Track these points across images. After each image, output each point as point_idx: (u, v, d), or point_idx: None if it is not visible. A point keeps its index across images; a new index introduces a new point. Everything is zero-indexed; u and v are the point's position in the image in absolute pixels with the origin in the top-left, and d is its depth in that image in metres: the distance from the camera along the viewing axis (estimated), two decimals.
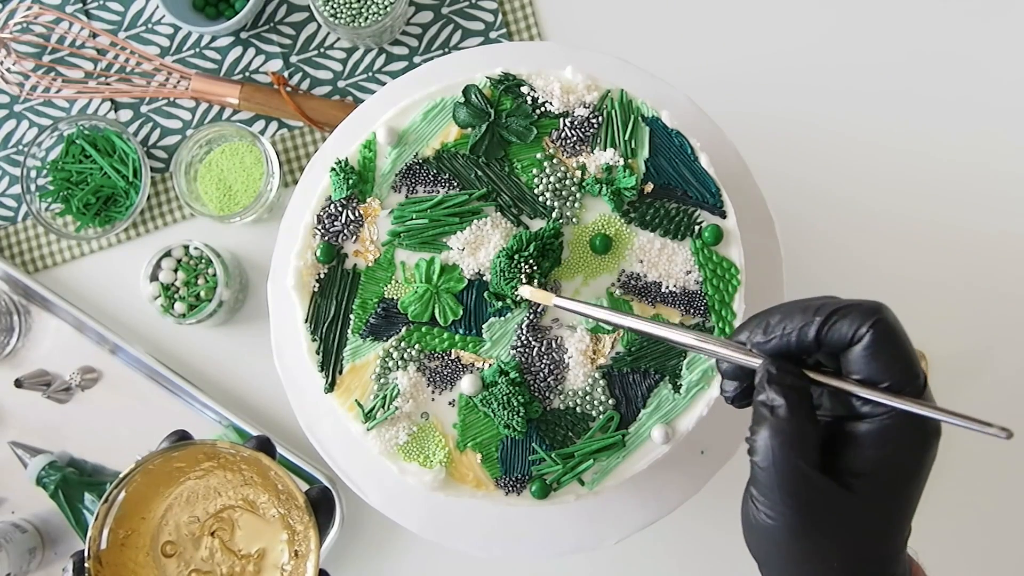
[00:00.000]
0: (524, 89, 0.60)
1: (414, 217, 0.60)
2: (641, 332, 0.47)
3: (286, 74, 0.85)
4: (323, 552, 0.79)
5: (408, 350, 0.59)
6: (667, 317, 0.59)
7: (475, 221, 0.59)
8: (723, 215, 0.59)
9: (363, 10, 0.80)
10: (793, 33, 0.86)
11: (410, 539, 0.82)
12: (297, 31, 0.85)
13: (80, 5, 0.86)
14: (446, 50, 0.85)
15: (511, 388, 0.57)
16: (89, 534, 0.44)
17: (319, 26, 0.85)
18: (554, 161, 0.60)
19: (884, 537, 0.40)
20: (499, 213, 0.60)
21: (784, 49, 0.86)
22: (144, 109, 0.85)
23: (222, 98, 0.83)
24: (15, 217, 0.85)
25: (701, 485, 0.64)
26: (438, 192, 0.60)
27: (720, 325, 0.58)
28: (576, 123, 0.60)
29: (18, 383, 0.80)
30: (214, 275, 0.79)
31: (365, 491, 0.64)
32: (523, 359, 0.59)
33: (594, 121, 0.60)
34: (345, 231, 0.60)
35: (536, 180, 0.60)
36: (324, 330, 0.59)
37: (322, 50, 0.85)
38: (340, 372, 0.59)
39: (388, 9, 0.80)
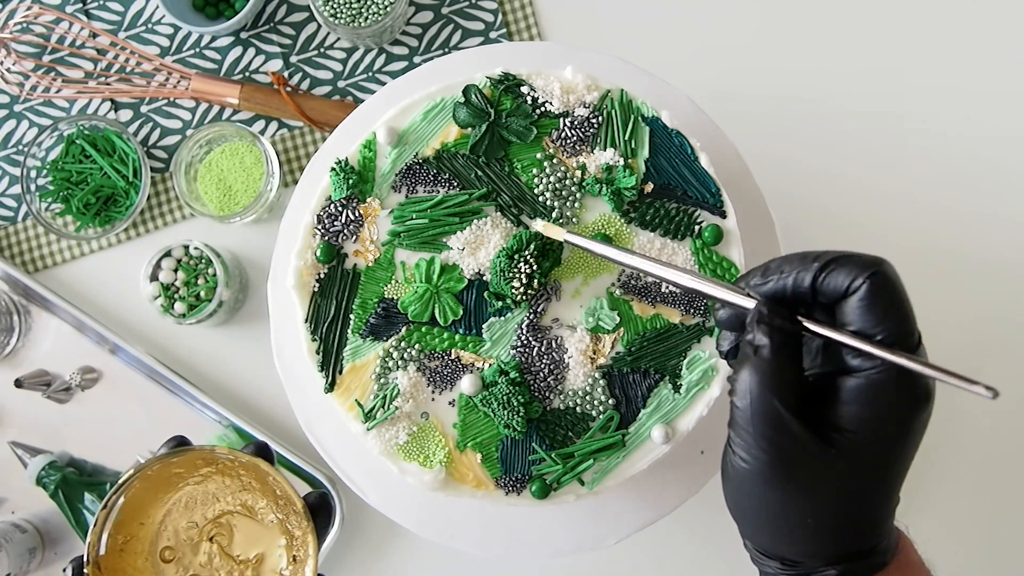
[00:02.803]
0: (524, 89, 0.60)
1: (414, 217, 0.60)
2: (640, 270, 0.48)
3: (286, 74, 0.85)
4: (322, 555, 0.79)
5: (408, 350, 0.59)
6: (667, 317, 0.59)
7: (475, 221, 0.59)
8: (723, 215, 0.59)
9: (363, 10, 0.80)
10: (792, 32, 0.86)
11: (410, 539, 0.82)
12: (297, 31, 0.85)
13: (80, 5, 0.86)
14: (446, 50, 0.85)
15: (511, 388, 0.57)
16: (88, 540, 0.44)
17: (319, 26, 0.85)
18: (554, 161, 0.60)
19: (865, 502, 0.39)
20: (499, 213, 0.60)
21: (784, 47, 0.86)
22: (144, 109, 0.85)
23: (222, 98, 0.83)
24: (15, 217, 0.85)
25: (701, 485, 0.64)
26: (438, 192, 0.60)
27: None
28: (576, 123, 0.60)
29: (18, 383, 0.80)
30: (214, 275, 0.79)
31: (365, 491, 0.64)
32: (523, 359, 0.59)
33: (594, 121, 0.60)
34: (345, 231, 0.60)
35: (536, 180, 0.60)
36: (324, 330, 0.59)
37: (322, 50, 0.85)
38: (340, 372, 0.59)
39: (388, 9, 0.80)
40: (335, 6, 0.80)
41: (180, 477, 0.48)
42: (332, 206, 0.60)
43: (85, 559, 0.44)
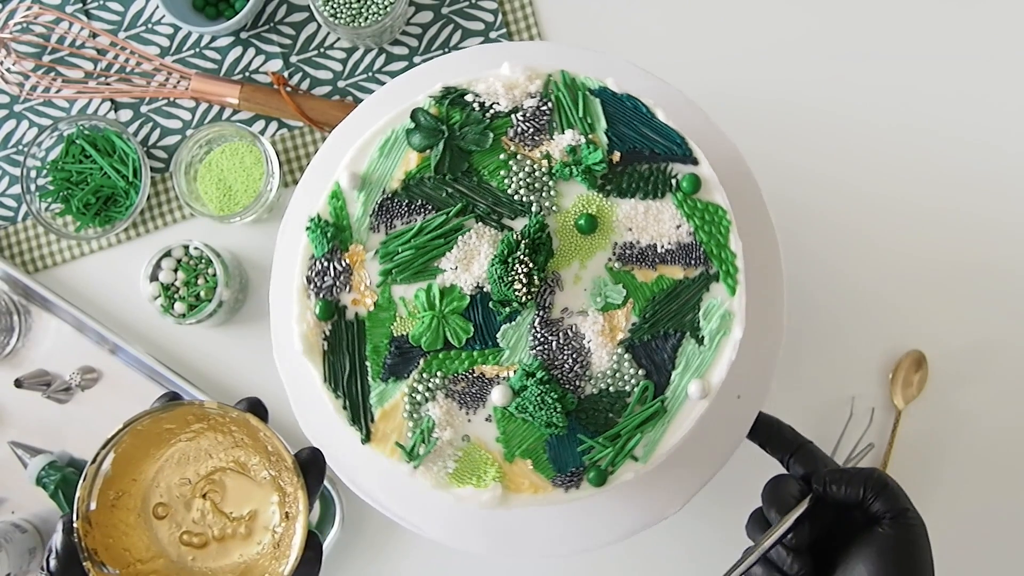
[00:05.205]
0: (468, 97, 0.60)
1: (400, 251, 0.59)
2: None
3: (286, 74, 0.85)
4: (325, 550, 0.79)
5: (431, 380, 0.59)
6: (671, 275, 0.59)
7: (460, 238, 0.59)
8: (695, 162, 0.59)
9: (363, 10, 0.80)
10: (794, 30, 0.86)
11: (410, 539, 0.82)
12: (297, 31, 0.85)
13: (80, 5, 0.86)
14: (446, 50, 0.85)
15: (541, 387, 0.57)
16: (77, 495, 0.43)
17: (319, 26, 0.85)
18: (518, 157, 0.60)
19: None
20: (481, 223, 0.60)
21: (786, 47, 0.86)
22: (144, 109, 0.85)
23: (222, 98, 0.83)
24: (15, 217, 0.85)
25: (700, 487, 0.64)
26: (416, 221, 0.60)
27: (723, 268, 0.58)
28: (528, 115, 0.60)
29: (18, 383, 0.80)
30: (214, 275, 0.79)
31: (365, 491, 0.64)
32: (545, 356, 0.59)
33: (544, 108, 0.60)
34: (337, 283, 0.59)
35: (507, 181, 0.60)
36: (345, 385, 0.59)
37: (322, 50, 0.85)
38: (372, 420, 0.58)
39: (388, 9, 0.80)
40: (335, 6, 0.80)
41: (172, 433, 0.47)
42: (318, 263, 0.59)
43: (75, 514, 0.43)
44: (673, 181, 0.59)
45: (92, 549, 0.43)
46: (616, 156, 0.59)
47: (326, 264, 0.59)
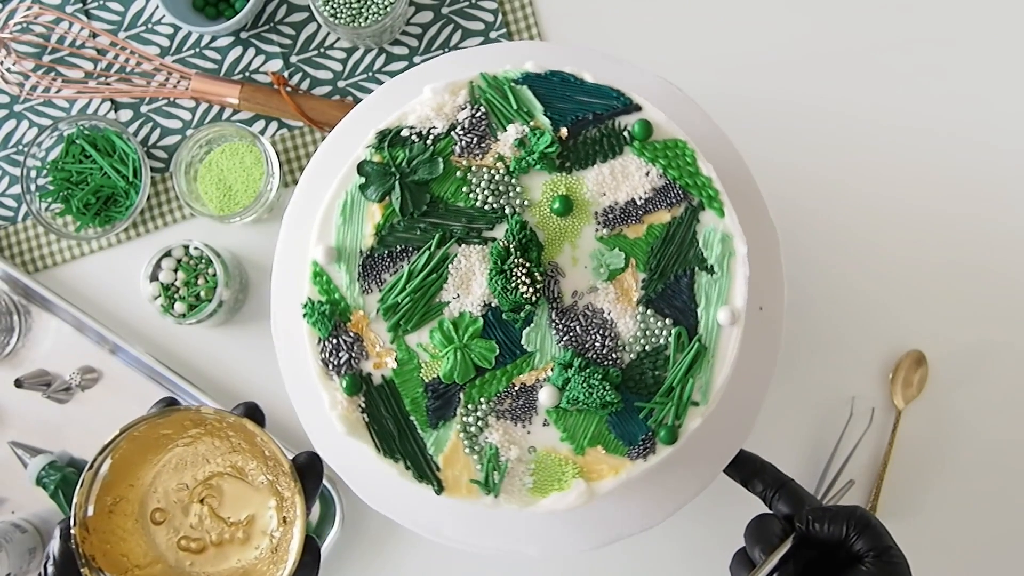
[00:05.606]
0: (404, 133, 0.61)
1: (400, 301, 0.59)
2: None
3: (286, 74, 0.85)
4: (324, 550, 0.79)
5: (478, 409, 0.59)
6: (658, 221, 0.60)
7: (450, 266, 0.59)
8: (637, 108, 0.60)
9: (363, 10, 0.80)
10: (794, 31, 0.86)
11: (410, 539, 0.82)
12: (297, 31, 0.85)
13: (80, 5, 0.86)
14: (446, 50, 0.85)
15: (583, 373, 0.57)
16: (75, 500, 0.43)
17: (319, 26, 0.85)
18: (473, 170, 0.60)
19: None
20: (464, 245, 0.60)
21: (786, 48, 0.86)
22: (144, 109, 0.85)
23: (222, 98, 0.83)
24: (15, 217, 0.85)
25: (703, 488, 0.64)
26: (402, 267, 0.60)
27: (704, 195, 0.59)
28: (467, 127, 0.60)
29: (18, 383, 0.80)
30: (214, 275, 0.80)
31: (365, 491, 0.64)
32: (574, 344, 0.59)
33: (479, 115, 0.60)
34: (353, 356, 0.59)
35: (471, 196, 0.60)
36: (399, 449, 0.59)
37: (322, 50, 0.85)
38: (438, 470, 0.59)
39: (388, 9, 0.80)
40: (335, 6, 0.80)
41: (169, 438, 0.47)
42: (327, 344, 0.60)
43: (72, 520, 0.43)
44: (625, 134, 0.60)
45: (90, 555, 0.43)
46: (563, 132, 0.60)
47: (335, 341, 0.59)
